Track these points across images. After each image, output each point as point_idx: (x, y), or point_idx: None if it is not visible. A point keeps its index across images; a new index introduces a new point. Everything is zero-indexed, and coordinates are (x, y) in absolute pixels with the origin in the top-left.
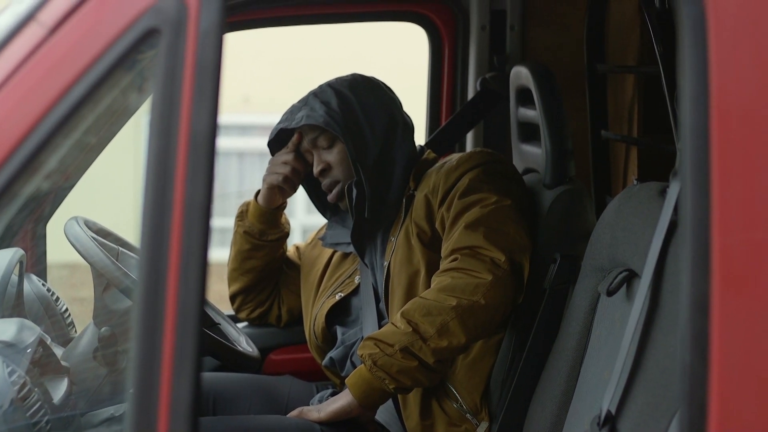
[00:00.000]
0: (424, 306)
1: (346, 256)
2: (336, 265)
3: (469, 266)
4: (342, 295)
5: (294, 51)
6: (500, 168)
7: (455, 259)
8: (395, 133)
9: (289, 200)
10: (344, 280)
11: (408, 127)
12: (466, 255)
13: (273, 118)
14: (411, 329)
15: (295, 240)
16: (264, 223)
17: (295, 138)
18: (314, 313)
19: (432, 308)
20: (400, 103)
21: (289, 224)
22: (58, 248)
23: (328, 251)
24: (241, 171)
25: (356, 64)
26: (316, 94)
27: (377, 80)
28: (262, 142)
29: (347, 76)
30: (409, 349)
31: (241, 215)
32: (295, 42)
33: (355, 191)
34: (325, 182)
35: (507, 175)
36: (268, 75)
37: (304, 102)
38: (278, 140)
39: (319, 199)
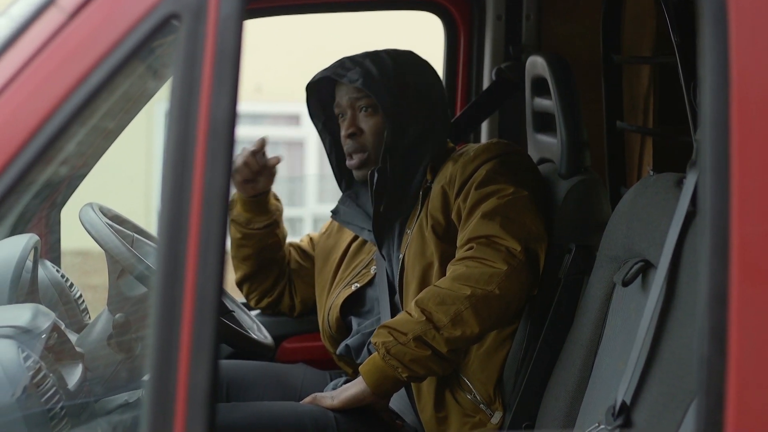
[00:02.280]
0: (439, 295)
1: (362, 245)
2: (352, 255)
3: (485, 255)
4: (358, 285)
5: (306, 40)
6: (517, 159)
7: (470, 248)
8: (433, 129)
9: (299, 189)
10: (360, 271)
11: (446, 126)
12: (482, 244)
13: (284, 107)
14: (424, 318)
15: (306, 230)
16: (249, 211)
17: (258, 145)
18: (329, 303)
19: (446, 297)
20: (447, 99)
21: (279, 210)
22: (71, 235)
23: (345, 241)
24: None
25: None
26: (374, 59)
27: (433, 68)
28: (273, 131)
29: (406, 52)
30: (423, 338)
31: (231, 203)
32: (307, 31)
33: (376, 177)
34: (350, 145)
35: (524, 167)
36: (280, 64)
37: (358, 62)
38: (317, 88)
39: (338, 166)
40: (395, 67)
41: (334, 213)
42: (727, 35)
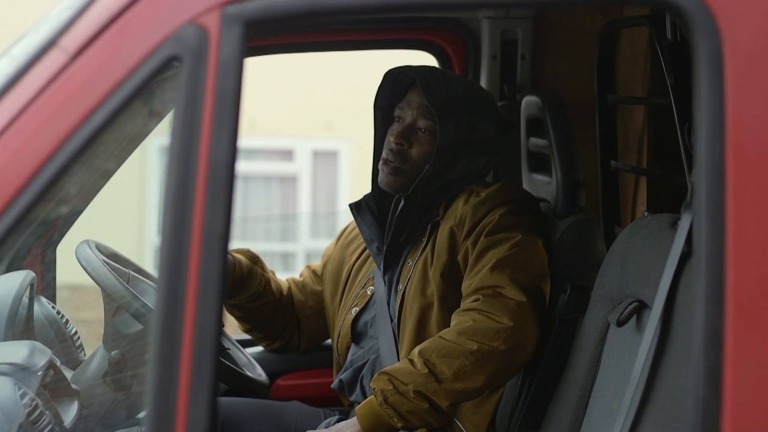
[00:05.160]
0: (443, 347)
1: (363, 264)
2: (354, 276)
3: (491, 309)
4: (357, 309)
5: (300, 77)
6: (528, 206)
7: (477, 300)
8: (472, 176)
9: (292, 224)
10: (359, 293)
11: (485, 174)
12: (489, 296)
13: (278, 142)
14: (427, 370)
15: (299, 266)
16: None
17: None
18: (337, 330)
19: (451, 351)
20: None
21: (262, 276)
22: (63, 269)
23: (349, 262)
24: (246, 195)
25: (359, 91)
26: (462, 91)
27: (505, 121)
28: (267, 166)
29: (489, 97)
30: (422, 392)
31: None
32: (301, 67)
33: (402, 204)
34: (393, 151)
35: (534, 212)
36: (274, 99)
37: (446, 82)
38: (392, 81)
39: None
40: (471, 112)
41: (357, 207)
42: (722, 79)
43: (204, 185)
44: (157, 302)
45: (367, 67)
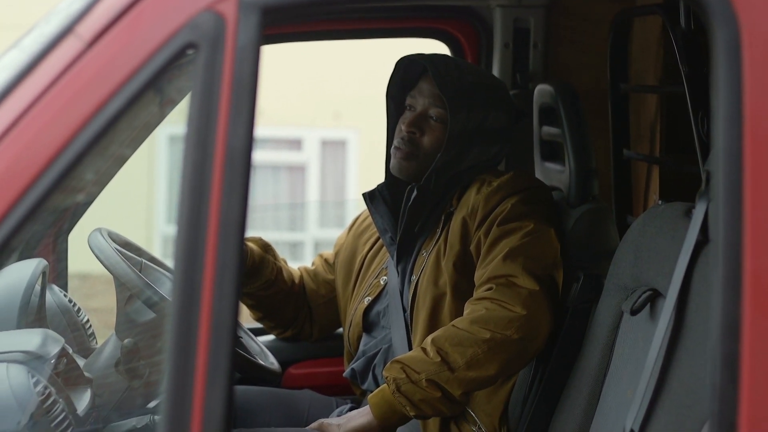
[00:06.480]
0: (456, 336)
1: (376, 254)
2: (368, 265)
3: (504, 298)
4: (370, 299)
5: (309, 66)
6: (540, 195)
7: (490, 289)
8: (483, 165)
9: (300, 213)
10: (371, 282)
11: (497, 163)
12: (502, 285)
13: (286, 131)
14: (440, 359)
15: (307, 254)
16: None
17: None
18: (348, 319)
19: (464, 339)
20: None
21: (274, 264)
22: (72, 258)
23: (362, 252)
24: (254, 184)
25: (368, 80)
26: (473, 81)
27: (519, 110)
28: (275, 155)
29: (502, 85)
30: (435, 381)
31: None
32: (311, 57)
33: (415, 194)
34: (404, 139)
35: (546, 202)
36: (282, 89)
37: (458, 71)
38: (404, 69)
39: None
40: (483, 101)
41: (370, 196)
42: (740, 66)
43: (220, 173)
44: (173, 291)
45: (375, 56)
